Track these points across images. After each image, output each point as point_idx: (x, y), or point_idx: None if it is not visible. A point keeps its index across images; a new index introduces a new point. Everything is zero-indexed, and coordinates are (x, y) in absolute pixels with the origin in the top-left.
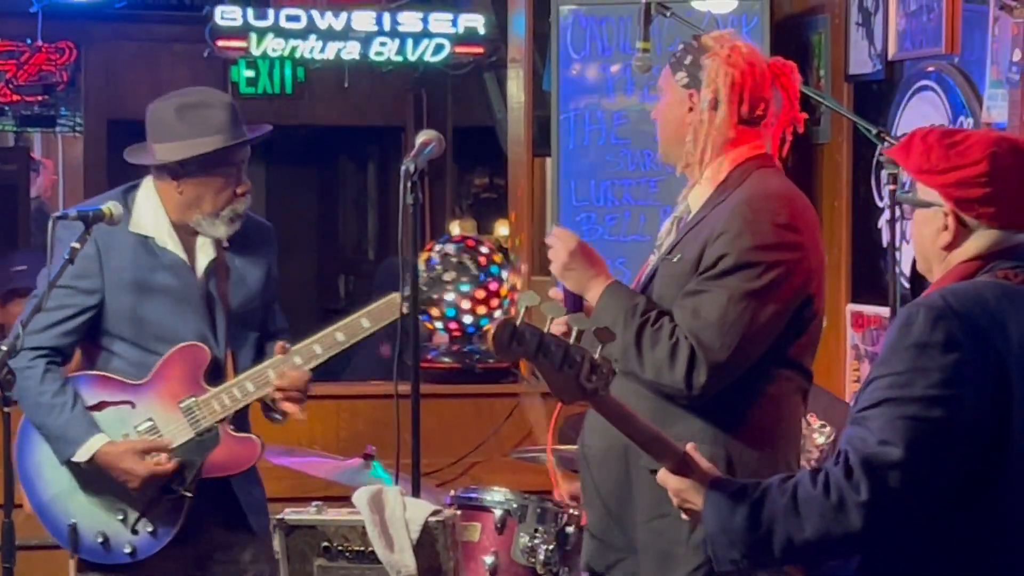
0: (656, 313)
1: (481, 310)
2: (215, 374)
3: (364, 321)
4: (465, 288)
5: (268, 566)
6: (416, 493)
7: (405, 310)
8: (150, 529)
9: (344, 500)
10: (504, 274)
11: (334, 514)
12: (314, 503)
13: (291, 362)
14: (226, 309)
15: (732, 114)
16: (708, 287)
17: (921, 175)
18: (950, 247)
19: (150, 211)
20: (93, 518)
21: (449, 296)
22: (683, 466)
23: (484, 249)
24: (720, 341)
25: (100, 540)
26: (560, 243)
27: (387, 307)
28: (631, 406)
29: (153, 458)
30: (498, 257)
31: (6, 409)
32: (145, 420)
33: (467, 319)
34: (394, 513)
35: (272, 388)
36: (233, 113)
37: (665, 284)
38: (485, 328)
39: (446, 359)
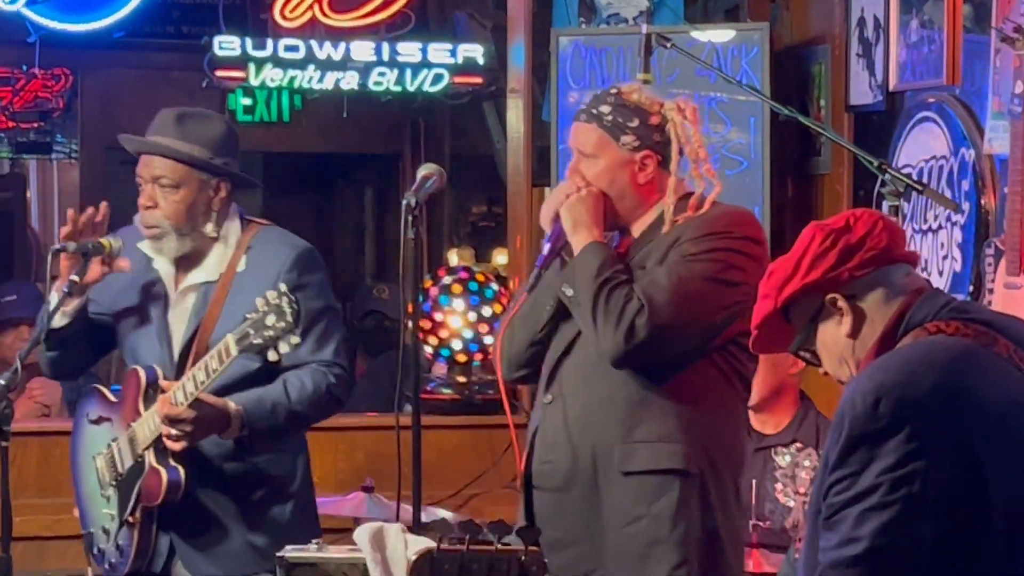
0: (625, 278)
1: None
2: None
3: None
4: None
5: None
6: (417, 525)
7: (408, 340)
8: (121, 541)
9: (344, 532)
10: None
11: (335, 552)
12: (314, 540)
13: (170, 394)
14: (202, 335)
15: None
16: (668, 264)
17: (784, 292)
18: (854, 332)
19: None
20: (96, 523)
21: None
22: None
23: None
24: (669, 305)
25: (96, 551)
26: (585, 188)
27: (255, 325)
28: (604, 410)
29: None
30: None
31: (3, 444)
32: (113, 439)
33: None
34: (396, 551)
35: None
36: (165, 121)
37: None
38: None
39: (445, 390)
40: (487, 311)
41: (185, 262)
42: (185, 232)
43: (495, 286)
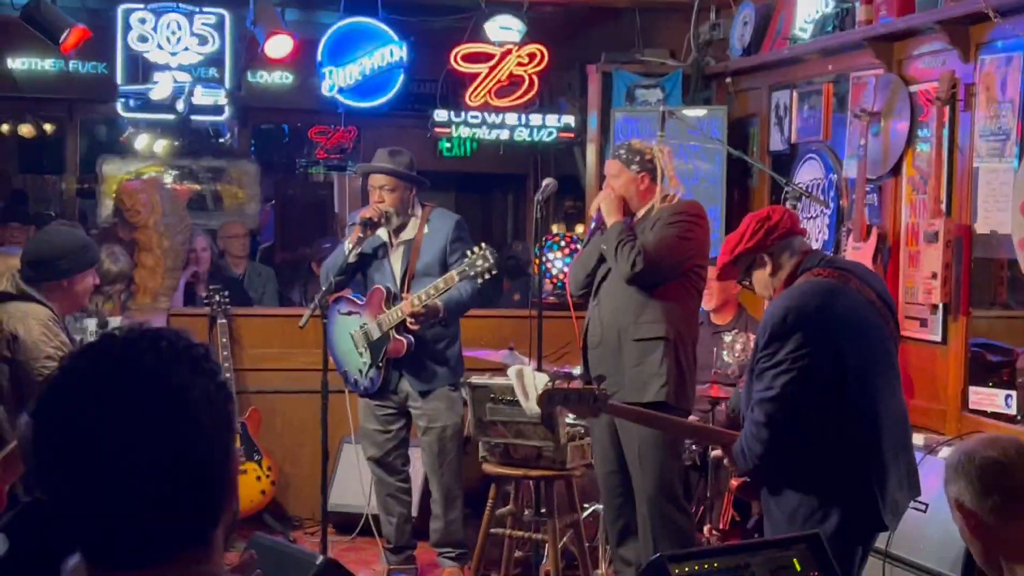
0: (632, 237)
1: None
2: (396, 303)
3: (455, 274)
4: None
5: (446, 412)
6: (539, 367)
7: (534, 272)
8: (372, 376)
9: (496, 370)
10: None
11: (498, 379)
12: (487, 373)
13: (410, 300)
14: (411, 268)
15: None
16: (655, 230)
17: (734, 252)
18: (773, 273)
19: None
20: (352, 367)
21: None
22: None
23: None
24: (655, 250)
25: (352, 381)
26: (613, 193)
27: (470, 264)
28: (624, 307)
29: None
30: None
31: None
32: (363, 323)
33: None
34: (529, 380)
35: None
36: (382, 155)
37: None
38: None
39: (552, 297)
40: (550, 255)
41: (396, 230)
42: (399, 214)
43: (561, 243)
